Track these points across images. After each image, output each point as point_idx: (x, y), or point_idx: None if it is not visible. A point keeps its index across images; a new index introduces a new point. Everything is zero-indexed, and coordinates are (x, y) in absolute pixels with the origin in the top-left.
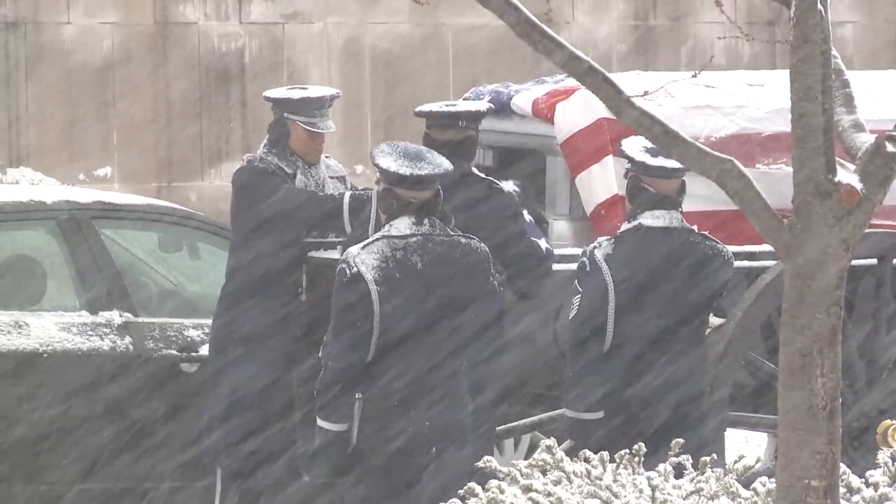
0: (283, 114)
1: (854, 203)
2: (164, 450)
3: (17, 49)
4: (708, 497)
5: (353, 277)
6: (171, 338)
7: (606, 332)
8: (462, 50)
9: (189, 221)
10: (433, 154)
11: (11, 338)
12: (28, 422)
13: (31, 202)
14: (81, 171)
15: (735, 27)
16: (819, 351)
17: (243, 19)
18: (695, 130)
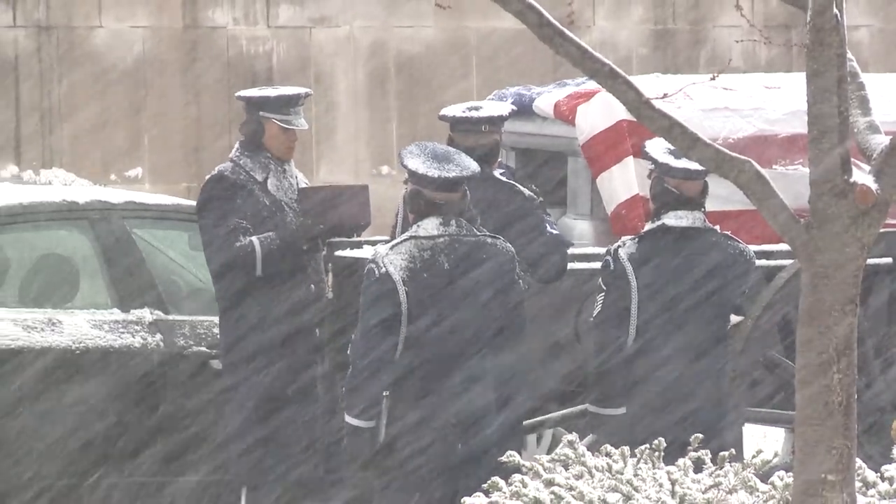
0: (258, 112)
1: (869, 203)
2: (194, 444)
3: (50, 52)
4: (727, 491)
5: (382, 277)
6: (201, 335)
7: (629, 330)
8: (485, 53)
9: None
10: (461, 156)
11: (45, 335)
12: (61, 418)
13: (63, 202)
14: (113, 171)
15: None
16: (835, 348)
17: (271, 23)
18: (713, 132)
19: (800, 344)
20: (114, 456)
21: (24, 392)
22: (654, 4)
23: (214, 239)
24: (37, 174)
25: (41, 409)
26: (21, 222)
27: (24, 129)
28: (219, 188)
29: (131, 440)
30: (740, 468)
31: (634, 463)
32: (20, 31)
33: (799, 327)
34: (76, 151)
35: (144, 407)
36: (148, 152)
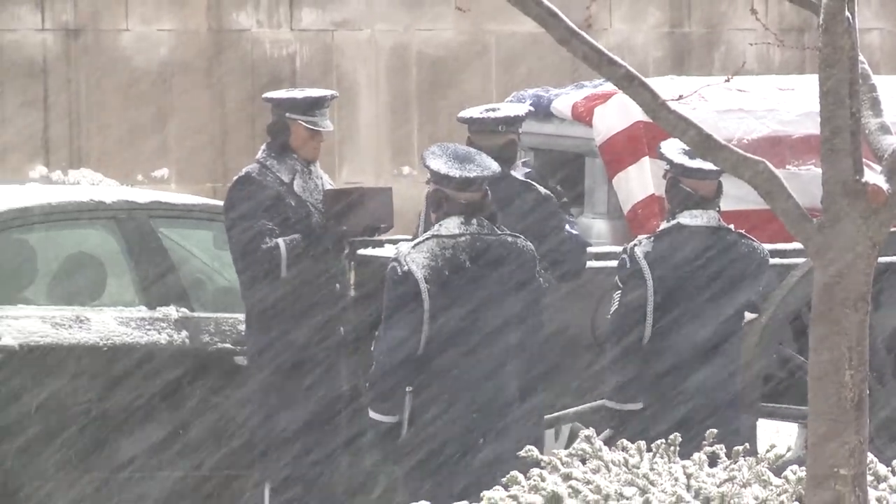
0: (284, 114)
1: (881, 202)
2: (218, 440)
3: (77, 55)
4: (741, 485)
5: (404, 275)
6: (226, 332)
7: (645, 327)
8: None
9: None
10: (481, 156)
11: (73, 332)
12: (88, 413)
13: (91, 202)
14: (139, 172)
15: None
16: (847, 345)
17: (294, 26)
18: (728, 133)
19: (813, 341)
20: (140, 450)
21: (52, 388)
22: (669, 8)
23: (241, 240)
24: (65, 174)
25: (69, 404)
26: (50, 221)
27: (52, 131)
28: (246, 190)
29: (157, 435)
30: (754, 462)
31: (650, 457)
32: (48, 34)
33: (812, 324)
34: (103, 152)
35: (170, 402)
36: (174, 153)
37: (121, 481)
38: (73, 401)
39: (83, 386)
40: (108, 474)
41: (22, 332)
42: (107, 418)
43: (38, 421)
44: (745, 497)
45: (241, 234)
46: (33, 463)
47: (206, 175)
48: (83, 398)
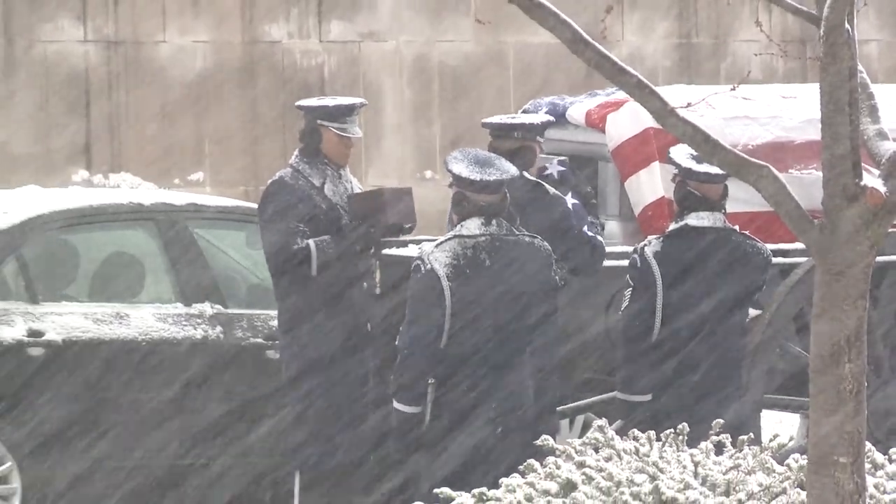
0: (316, 121)
1: (879, 205)
2: (251, 430)
3: (118, 65)
4: (745, 472)
5: (428, 273)
6: (258, 327)
7: (655, 323)
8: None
9: None
10: (500, 160)
11: (113, 328)
12: (128, 404)
13: (130, 204)
14: (176, 176)
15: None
16: (847, 339)
17: (323, 38)
18: (733, 139)
19: (814, 335)
20: (176, 439)
21: (93, 381)
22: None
23: (274, 241)
24: (106, 178)
25: (109, 396)
26: (91, 223)
27: (94, 137)
28: (279, 193)
29: (192, 426)
30: (758, 451)
31: (660, 446)
32: (90, 46)
33: (813, 320)
34: (142, 157)
35: (205, 395)
36: (209, 158)
37: (157, 468)
38: (113, 392)
39: (123, 378)
40: (145, 462)
41: (65, 328)
42: (145, 409)
43: (80, 411)
44: (750, 484)
45: (274, 235)
46: (74, 450)
47: (240, 179)
48: (123, 390)
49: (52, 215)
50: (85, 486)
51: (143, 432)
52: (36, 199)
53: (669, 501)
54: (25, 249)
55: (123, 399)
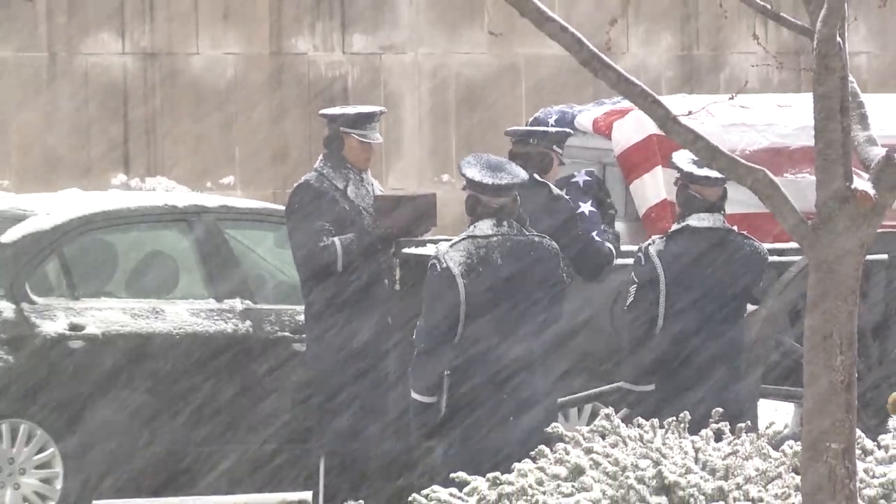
0: (339, 128)
1: (868, 207)
2: (279, 417)
3: (153, 76)
4: (743, 458)
5: (443, 271)
6: (285, 322)
7: (658, 317)
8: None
9: None
10: (512, 165)
11: (150, 322)
12: (163, 393)
13: (165, 206)
14: (208, 179)
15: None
16: (838, 333)
17: (346, 50)
18: (732, 144)
19: (807, 329)
20: (208, 428)
21: (130, 372)
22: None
23: (301, 240)
24: (142, 182)
25: (145, 386)
26: (129, 223)
27: (131, 143)
28: (305, 195)
29: (225, 414)
30: (755, 438)
31: (663, 433)
32: (128, 58)
33: (807, 315)
34: (176, 162)
35: (235, 384)
36: (239, 162)
37: (189, 453)
38: (149, 382)
39: (158, 370)
40: (180, 448)
41: (104, 322)
42: (178, 397)
43: (118, 400)
44: (748, 469)
45: (301, 234)
46: (113, 436)
47: (268, 182)
48: (158, 380)
49: (93, 216)
50: (122, 470)
51: (176, 419)
52: (77, 202)
53: (672, 485)
54: (67, 248)
55: (158, 388)
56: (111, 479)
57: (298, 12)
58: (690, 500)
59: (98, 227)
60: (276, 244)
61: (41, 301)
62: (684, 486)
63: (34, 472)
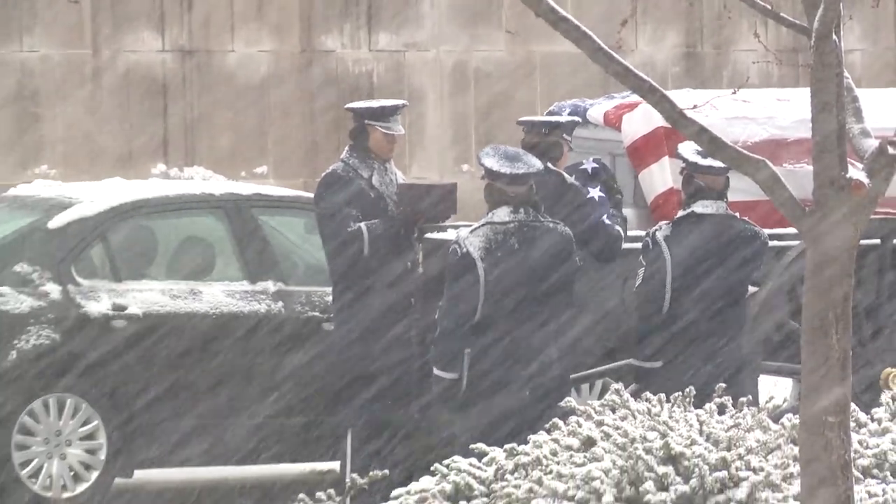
0: (364, 121)
1: (862, 195)
2: (309, 392)
3: (191, 72)
4: (745, 430)
5: (463, 256)
6: (315, 303)
7: (665, 298)
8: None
9: None
10: (528, 156)
11: (188, 302)
12: (200, 369)
13: (202, 194)
14: (243, 169)
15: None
16: (834, 313)
17: (372, 48)
18: (734, 136)
19: (805, 309)
20: (242, 401)
21: (170, 349)
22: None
23: (330, 225)
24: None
25: (183, 363)
26: (168, 210)
27: (170, 135)
28: (333, 183)
29: (257, 388)
30: (756, 411)
31: (669, 407)
32: (167, 55)
33: (804, 296)
34: (213, 152)
35: (268, 361)
36: (271, 153)
37: (226, 427)
38: (187, 359)
39: (196, 347)
40: (216, 421)
41: (145, 303)
42: (215, 374)
43: (158, 376)
44: (749, 440)
45: (329, 221)
46: (153, 410)
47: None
48: (195, 357)
49: (134, 204)
50: (162, 442)
51: (212, 394)
52: (119, 190)
53: (678, 455)
54: (110, 234)
55: (196, 365)
56: (152, 449)
57: (327, 12)
58: (695, 469)
59: (139, 214)
60: (306, 229)
61: (86, 283)
62: (689, 457)
63: (79, 444)
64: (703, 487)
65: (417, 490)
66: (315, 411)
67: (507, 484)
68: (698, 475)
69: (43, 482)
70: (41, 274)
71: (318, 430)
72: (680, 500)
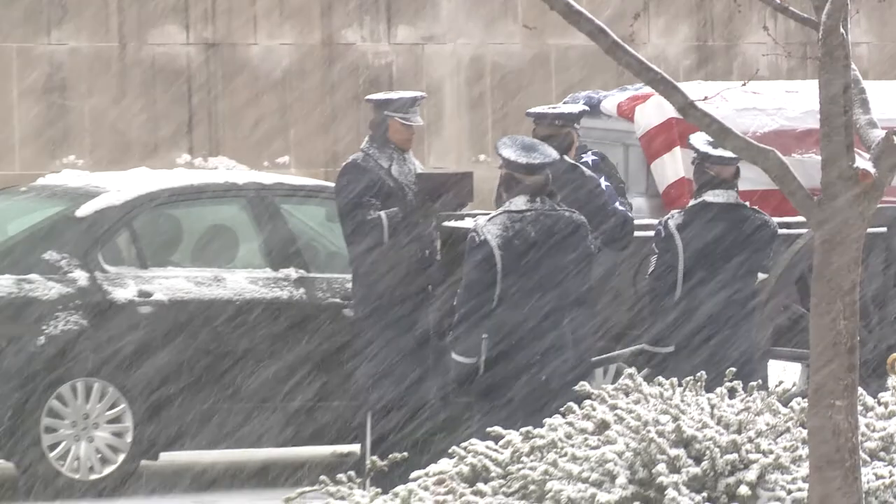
0: (384, 112)
1: (869, 184)
2: (330, 377)
3: (216, 64)
4: (755, 413)
5: (481, 243)
6: (336, 289)
7: (677, 285)
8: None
9: None
10: (544, 146)
11: (212, 289)
12: (223, 354)
13: (226, 184)
14: (265, 159)
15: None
16: (841, 299)
17: (391, 41)
18: (744, 127)
19: (813, 296)
20: (265, 385)
21: (194, 334)
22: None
23: (350, 214)
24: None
25: (207, 348)
26: (193, 199)
27: (195, 126)
28: (353, 173)
29: (279, 372)
30: (766, 395)
31: (681, 391)
32: (192, 48)
33: (813, 283)
34: (236, 143)
35: (290, 346)
36: (293, 143)
37: (249, 410)
38: (211, 344)
39: (219, 332)
40: (238, 404)
41: (171, 289)
42: (238, 359)
43: (183, 360)
44: (759, 423)
45: (349, 209)
46: (178, 394)
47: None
48: (219, 342)
49: (160, 193)
50: (186, 424)
51: (235, 378)
52: (145, 179)
53: (689, 438)
54: (136, 222)
55: (220, 350)
56: (177, 432)
57: (348, 7)
58: (707, 452)
59: (165, 203)
60: (327, 218)
61: (113, 270)
62: (701, 440)
63: (106, 427)
64: (714, 469)
65: (436, 472)
66: (335, 395)
67: (523, 466)
68: (709, 457)
69: (71, 464)
70: (69, 261)
71: (339, 413)
72: (692, 481)
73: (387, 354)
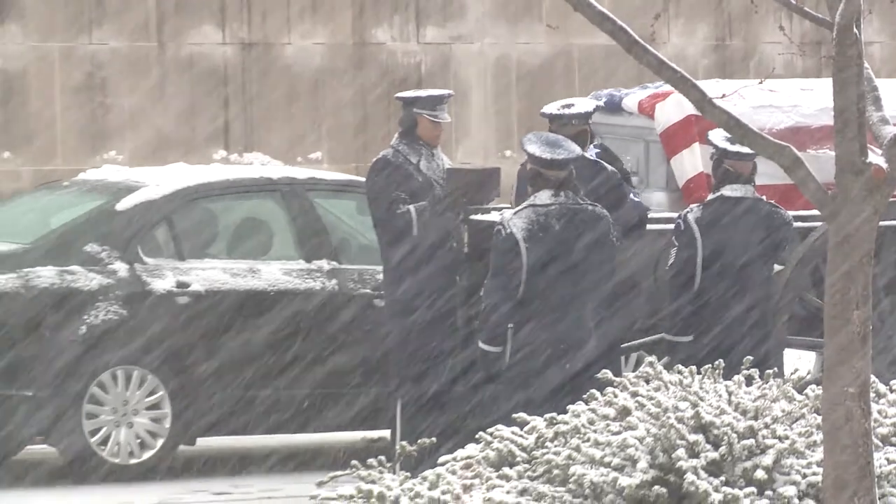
0: (413, 109)
1: (881, 179)
2: (361, 364)
3: (251, 63)
4: (771, 400)
5: (507, 236)
6: (366, 280)
7: (695, 276)
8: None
9: None
10: (567, 142)
11: (247, 280)
12: (258, 343)
13: (261, 178)
14: (298, 154)
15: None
16: (855, 290)
17: (420, 40)
18: (761, 124)
19: (828, 287)
20: (298, 372)
21: (230, 324)
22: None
23: (380, 208)
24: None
25: (245, 337)
26: (229, 193)
27: (231, 123)
28: (383, 168)
29: (313, 361)
30: (781, 383)
31: (700, 379)
32: (228, 47)
33: (827, 274)
34: (271, 139)
35: (322, 335)
36: (325, 139)
37: (283, 396)
38: (247, 333)
39: (254, 322)
40: (273, 391)
41: (207, 280)
42: (273, 347)
43: (219, 349)
44: (775, 410)
45: (380, 203)
46: (215, 381)
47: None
48: (254, 331)
49: (197, 187)
50: (223, 411)
51: (270, 366)
52: (183, 174)
53: (708, 424)
54: (174, 216)
55: (255, 339)
56: (214, 418)
57: (378, 7)
58: (724, 437)
59: (202, 197)
60: (358, 211)
61: (152, 262)
62: (719, 426)
63: (146, 413)
64: (731, 454)
65: (463, 457)
66: (366, 383)
67: (547, 451)
68: (727, 443)
69: (111, 449)
70: (109, 253)
71: (370, 400)
72: (710, 466)
73: (416, 344)
